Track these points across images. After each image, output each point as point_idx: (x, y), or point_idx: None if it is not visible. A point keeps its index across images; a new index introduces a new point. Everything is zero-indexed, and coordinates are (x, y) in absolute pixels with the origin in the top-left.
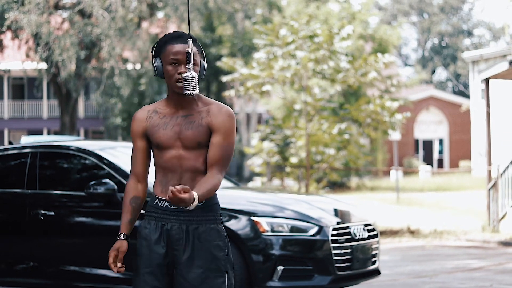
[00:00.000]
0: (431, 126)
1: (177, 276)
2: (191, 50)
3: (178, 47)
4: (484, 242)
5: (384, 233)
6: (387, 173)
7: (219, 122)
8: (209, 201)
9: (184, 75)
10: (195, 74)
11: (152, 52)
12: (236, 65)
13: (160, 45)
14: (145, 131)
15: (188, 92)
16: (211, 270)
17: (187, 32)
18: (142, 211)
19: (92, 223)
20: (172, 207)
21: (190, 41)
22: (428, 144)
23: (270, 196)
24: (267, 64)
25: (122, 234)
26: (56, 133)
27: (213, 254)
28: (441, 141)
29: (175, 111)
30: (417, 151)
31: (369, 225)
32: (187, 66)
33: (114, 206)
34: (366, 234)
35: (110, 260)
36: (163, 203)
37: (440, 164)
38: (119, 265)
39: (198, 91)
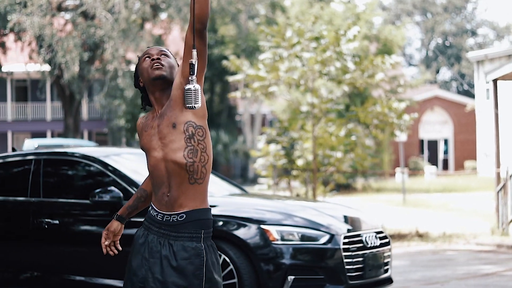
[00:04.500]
0: (436, 126)
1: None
2: (195, 61)
3: (151, 49)
4: (495, 246)
5: (392, 237)
6: (392, 174)
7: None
8: (190, 217)
9: (187, 87)
10: (198, 87)
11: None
12: (242, 65)
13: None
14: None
15: (190, 105)
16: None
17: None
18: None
19: (97, 231)
20: (158, 218)
21: (194, 52)
22: (433, 144)
23: (279, 204)
24: (273, 66)
25: (115, 214)
26: (59, 135)
27: (185, 274)
28: (446, 141)
29: (155, 113)
30: (422, 151)
31: (381, 232)
32: (190, 78)
33: None
34: (378, 242)
35: (102, 239)
36: (154, 212)
37: (445, 164)
38: (107, 242)
39: (200, 104)
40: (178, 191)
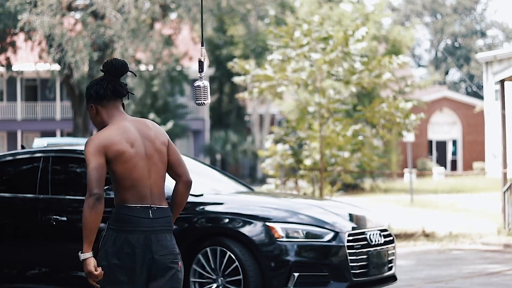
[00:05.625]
0: (445, 127)
1: None
2: (204, 58)
3: None
4: (501, 246)
5: (399, 236)
6: (400, 175)
7: None
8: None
9: (196, 84)
10: (207, 84)
11: None
12: (248, 66)
13: None
14: None
15: (200, 101)
16: None
17: None
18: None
19: (104, 228)
20: None
21: (203, 49)
22: (441, 145)
23: (284, 201)
24: (281, 66)
25: None
26: (69, 134)
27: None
28: (454, 142)
29: None
30: (430, 152)
31: (385, 230)
32: (199, 75)
33: None
34: (382, 240)
35: None
36: None
37: (454, 165)
38: None
39: (209, 101)
40: None
